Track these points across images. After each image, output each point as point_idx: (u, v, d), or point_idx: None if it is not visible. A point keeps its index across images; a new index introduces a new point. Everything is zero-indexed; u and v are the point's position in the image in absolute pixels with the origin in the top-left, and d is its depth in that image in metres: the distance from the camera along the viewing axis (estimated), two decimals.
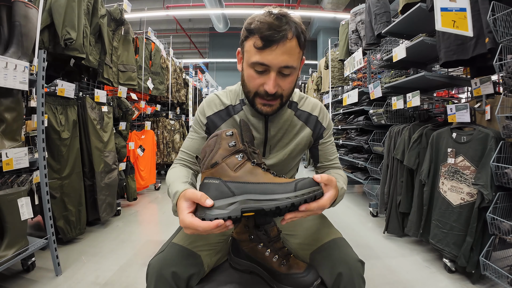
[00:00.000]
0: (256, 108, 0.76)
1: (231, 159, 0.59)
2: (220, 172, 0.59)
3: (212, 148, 0.61)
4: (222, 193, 0.57)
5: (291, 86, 0.75)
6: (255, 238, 0.74)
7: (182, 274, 0.68)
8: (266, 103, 0.74)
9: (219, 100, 0.87)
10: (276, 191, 0.55)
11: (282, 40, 0.66)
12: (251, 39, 0.69)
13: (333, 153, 0.93)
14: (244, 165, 0.59)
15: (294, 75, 0.74)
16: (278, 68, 0.69)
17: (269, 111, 0.76)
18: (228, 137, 0.61)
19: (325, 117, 0.91)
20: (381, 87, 2.51)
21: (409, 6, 2.03)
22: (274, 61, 0.67)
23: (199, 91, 5.97)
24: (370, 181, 2.92)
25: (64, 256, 1.76)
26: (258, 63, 0.68)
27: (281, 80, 0.71)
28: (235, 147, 0.60)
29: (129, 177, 2.82)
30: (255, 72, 0.71)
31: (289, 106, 0.87)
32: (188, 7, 8.41)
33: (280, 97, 0.74)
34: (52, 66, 2.02)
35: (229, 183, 0.58)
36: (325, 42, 7.77)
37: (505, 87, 1.37)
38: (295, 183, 0.56)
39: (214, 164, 0.59)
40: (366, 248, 2.00)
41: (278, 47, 0.66)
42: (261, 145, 0.85)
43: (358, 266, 0.68)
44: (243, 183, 0.57)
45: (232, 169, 0.58)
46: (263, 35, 0.65)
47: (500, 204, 1.37)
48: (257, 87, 0.72)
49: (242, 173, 0.58)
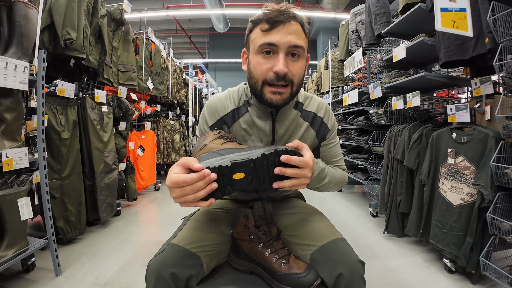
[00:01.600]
0: (265, 100, 0.73)
1: (217, 140, 0.70)
2: (209, 148, 0.68)
3: (202, 140, 0.72)
4: (212, 156, 0.62)
5: (300, 72, 0.73)
6: (255, 238, 0.74)
7: (181, 275, 0.67)
8: (276, 90, 0.71)
9: (221, 105, 0.84)
10: (260, 148, 0.64)
11: (288, 20, 0.68)
12: (257, 27, 0.71)
13: (337, 155, 0.92)
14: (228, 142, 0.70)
15: (302, 60, 0.73)
16: (287, 48, 0.68)
17: (279, 100, 0.72)
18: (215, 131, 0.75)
19: (330, 118, 0.90)
20: (381, 87, 2.51)
21: (409, 6, 2.03)
22: (282, 40, 0.68)
23: (199, 91, 5.96)
24: (370, 181, 2.92)
25: (64, 256, 1.76)
26: (266, 43, 0.68)
27: (290, 62, 0.70)
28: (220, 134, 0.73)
29: (129, 177, 2.82)
30: (262, 58, 0.70)
31: (295, 106, 0.86)
32: (188, 7, 8.41)
33: (290, 84, 0.72)
34: (52, 66, 2.02)
35: (218, 151, 0.65)
36: (325, 42, 7.77)
37: (505, 87, 1.37)
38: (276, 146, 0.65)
39: (203, 146, 0.68)
40: (366, 249, 2.00)
41: (285, 27, 0.68)
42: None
43: (359, 267, 0.68)
44: (230, 149, 0.65)
45: (219, 144, 0.68)
46: (268, 17, 0.68)
47: (500, 204, 1.37)
48: (266, 72, 0.70)
49: (228, 145, 0.68)
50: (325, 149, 0.90)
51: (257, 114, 0.82)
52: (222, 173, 0.57)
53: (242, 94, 0.85)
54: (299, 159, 0.62)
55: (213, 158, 0.60)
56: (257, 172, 0.60)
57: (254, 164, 0.58)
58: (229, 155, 0.61)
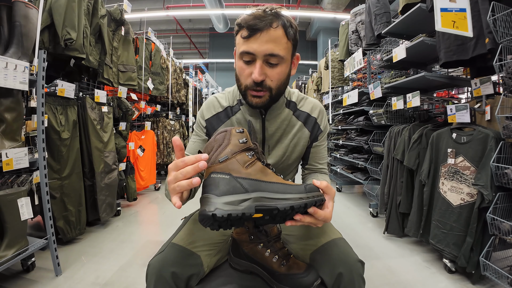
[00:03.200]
0: (247, 101, 0.76)
1: (241, 156, 0.56)
2: (230, 167, 0.54)
3: (221, 143, 0.57)
4: (233, 188, 0.52)
5: (280, 78, 0.74)
6: (255, 238, 0.74)
7: (182, 274, 0.68)
8: (255, 94, 0.73)
9: (218, 102, 0.88)
10: (289, 191, 0.55)
11: (266, 27, 0.67)
12: (240, 32, 0.71)
13: (324, 158, 0.93)
14: (254, 164, 0.57)
15: (282, 66, 0.73)
16: (264, 57, 0.69)
17: (258, 102, 0.74)
18: (239, 134, 0.58)
19: (323, 119, 0.91)
20: (381, 88, 2.51)
21: (409, 7, 2.03)
22: (259, 49, 0.68)
23: (199, 92, 5.97)
24: (370, 181, 2.92)
25: (64, 256, 1.76)
26: (244, 52, 0.70)
27: (268, 69, 0.71)
28: (246, 144, 0.57)
29: (129, 177, 2.82)
30: (243, 63, 0.72)
31: (288, 105, 0.87)
32: (188, 7, 8.41)
33: (269, 90, 0.73)
34: (52, 66, 2.02)
35: (240, 179, 0.54)
36: (325, 42, 7.77)
37: (505, 88, 1.37)
38: (305, 186, 0.57)
39: (223, 159, 0.55)
40: (366, 249, 2.00)
41: (262, 35, 0.67)
42: (259, 145, 0.85)
43: (358, 267, 0.68)
44: (255, 180, 0.55)
45: (243, 166, 0.55)
46: (247, 24, 0.68)
47: (500, 204, 1.37)
48: (246, 78, 0.73)
49: (253, 171, 0.55)
50: (315, 150, 0.91)
51: (248, 112, 0.84)
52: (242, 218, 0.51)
53: (236, 94, 0.88)
54: (323, 215, 0.58)
55: (235, 196, 0.51)
56: (277, 216, 0.55)
57: (278, 212, 0.53)
58: (254, 194, 0.53)
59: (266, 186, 0.55)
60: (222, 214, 0.48)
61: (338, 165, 3.97)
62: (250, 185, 0.53)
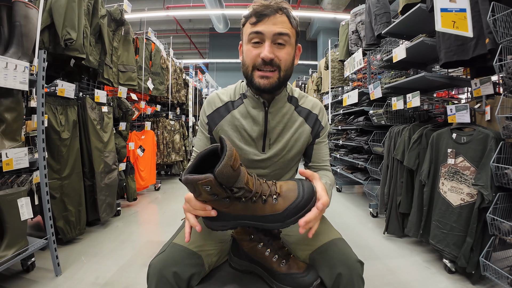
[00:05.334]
0: (254, 84, 0.78)
1: (218, 202, 0.59)
2: (212, 205, 0.61)
3: (193, 191, 0.59)
4: (222, 218, 0.62)
5: (287, 58, 0.77)
6: (255, 238, 0.74)
7: (183, 274, 0.68)
8: (263, 74, 0.76)
9: (218, 98, 0.89)
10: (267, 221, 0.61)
11: (272, 13, 0.74)
12: (248, 21, 0.77)
13: (326, 155, 0.94)
14: (233, 205, 0.60)
15: (289, 47, 0.77)
16: (272, 36, 0.74)
17: (266, 84, 0.76)
18: (207, 190, 0.56)
19: (324, 116, 0.93)
20: (381, 88, 2.51)
21: (409, 7, 2.04)
22: (267, 29, 0.74)
23: (199, 92, 5.97)
24: (370, 181, 2.92)
25: (64, 256, 1.76)
26: (253, 32, 0.74)
27: (276, 49, 0.75)
28: (218, 198, 0.58)
29: (129, 178, 2.82)
30: (252, 46, 0.76)
31: (290, 100, 0.89)
32: (188, 7, 8.42)
33: (277, 69, 0.76)
34: (52, 66, 2.02)
35: (224, 213, 0.61)
36: (325, 42, 7.77)
37: (505, 88, 1.37)
38: (285, 215, 0.60)
39: (203, 201, 0.60)
40: (366, 249, 2.00)
41: (270, 19, 0.74)
42: (260, 138, 0.85)
43: (358, 267, 0.68)
44: (236, 215, 0.62)
45: (222, 207, 0.60)
46: (255, 11, 0.74)
47: (500, 204, 1.37)
48: (255, 58, 0.76)
49: (233, 210, 0.61)
50: (317, 147, 0.92)
51: (251, 104, 0.86)
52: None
53: (238, 90, 0.90)
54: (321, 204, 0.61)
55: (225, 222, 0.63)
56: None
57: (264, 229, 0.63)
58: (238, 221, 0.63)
59: (247, 218, 0.62)
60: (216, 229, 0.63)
61: (338, 165, 3.97)
62: (234, 218, 0.62)
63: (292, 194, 0.61)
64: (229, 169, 0.54)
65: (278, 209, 0.60)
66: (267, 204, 0.60)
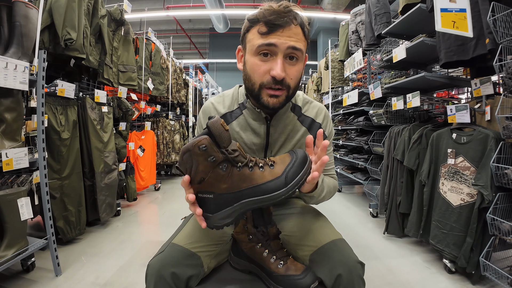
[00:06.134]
0: (262, 102, 0.71)
1: (215, 173, 0.57)
2: (210, 185, 0.58)
3: (191, 165, 0.56)
4: (220, 206, 0.59)
5: (298, 76, 0.71)
6: (253, 238, 0.74)
7: (182, 275, 0.68)
8: (273, 93, 0.69)
9: (214, 109, 0.84)
10: (269, 190, 0.58)
11: (287, 24, 0.65)
12: (255, 27, 0.68)
13: (330, 164, 0.91)
14: (231, 174, 0.58)
15: (300, 64, 0.71)
16: (286, 49, 0.66)
17: (276, 103, 0.70)
18: (203, 152, 0.54)
19: (328, 124, 0.89)
20: (381, 88, 2.50)
21: (409, 7, 2.03)
22: (281, 42, 0.65)
23: (199, 92, 5.97)
24: (370, 181, 2.92)
25: (64, 256, 1.76)
26: (265, 44, 0.66)
27: (288, 66, 0.68)
28: (215, 162, 0.56)
29: (129, 178, 2.82)
30: (260, 59, 0.68)
31: (293, 110, 0.84)
32: (188, 7, 8.41)
33: (287, 88, 0.70)
34: (52, 66, 2.02)
35: (223, 195, 0.58)
36: (325, 42, 7.77)
37: (505, 88, 1.37)
38: (285, 176, 0.58)
39: (200, 180, 0.57)
40: (366, 249, 2.00)
41: (284, 31, 0.65)
42: (261, 150, 0.83)
43: (358, 268, 0.68)
44: (236, 192, 0.58)
45: (221, 181, 0.57)
46: (267, 19, 0.65)
47: (500, 204, 1.37)
48: (263, 75, 0.68)
49: (231, 183, 0.58)
50: None
51: (252, 116, 0.81)
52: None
53: (236, 98, 0.85)
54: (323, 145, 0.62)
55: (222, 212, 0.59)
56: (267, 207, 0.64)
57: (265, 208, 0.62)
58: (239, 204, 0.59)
59: (248, 193, 0.58)
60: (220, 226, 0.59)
61: (338, 166, 3.97)
62: (234, 198, 0.58)
63: (286, 159, 0.62)
64: (219, 126, 0.55)
65: (277, 173, 0.59)
66: (265, 171, 0.59)
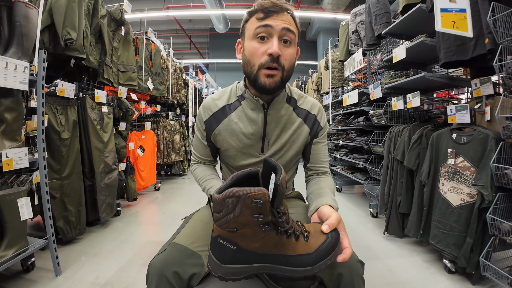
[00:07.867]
0: (259, 83, 0.76)
1: (254, 229, 0.50)
2: (239, 238, 0.51)
3: (231, 212, 0.49)
4: (237, 259, 0.53)
5: (292, 59, 0.77)
6: None
7: (183, 274, 0.68)
8: (270, 73, 0.75)
9: (214, 103, 0.89)
10: (296, 264, 0.53)
11: (281, 11, 0.75)
12: (253, 17, 0.76)
13: (325, 156, 0.93)
14: (267, 236, 0.51)
15: (294, 48, 0.78)
16: (280, 31, 0.74)
17: (272, 83, 0.75)
18: (255, 207, 0.48)
19: (323, 117, 0.93)
20: (381, 88, 2.51)
21: (409, 7, 2.04)
22: (276, 23, 0.74)
23: (199, 92, 5.97)
24: (370, 181, 2.92)
25: (64, 256, 1.76)
26: (261, 25, 0.74)
27: (283, 48, 0.75)
28: (261, 221, 0.49)
29: (129, 178, 2.81)
30: (257, 42, 0.75)
31: (288, 101, 0.89)
32: (188, 7, 8.42)
33: (282, 68, 0.76)
34: (52, 66, 2.02)
35: (247, 251, 0.52)
36: (325, 42, 7.78)
37: (505, 88, 1.37)
38: (315, 256, 0.53)
39: (232, 229, 0.51)
40: (366, 249, 2.00)
41: (278, 16, 0.74)
42: (259, 140, 0.86)
43: (358, 267, 0.68)
44: (264, 253, 0.52)
45: (254, 240, 0.51)
46: (264, 7, 0.74)
47: (500, 204, 1.37)
48: (261, 56, 0.75)
49: (264, 244, 0.52)
50: (316, 147, 0.91)
51: (250, 106, 0.85)
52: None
53: (234, 92, 0.90)
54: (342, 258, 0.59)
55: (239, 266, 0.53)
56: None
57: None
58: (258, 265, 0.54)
59: (274, 259, 0.53)
60: (226, 279, 0.54)
61: (338, 166, 3.97)
62: (256, 258, 0.53)
63: (321, 236, 0.57)
64: (284, 186, 0.48)
65: (309, 249, 0.53)
66: (300, 242, 0.53)
